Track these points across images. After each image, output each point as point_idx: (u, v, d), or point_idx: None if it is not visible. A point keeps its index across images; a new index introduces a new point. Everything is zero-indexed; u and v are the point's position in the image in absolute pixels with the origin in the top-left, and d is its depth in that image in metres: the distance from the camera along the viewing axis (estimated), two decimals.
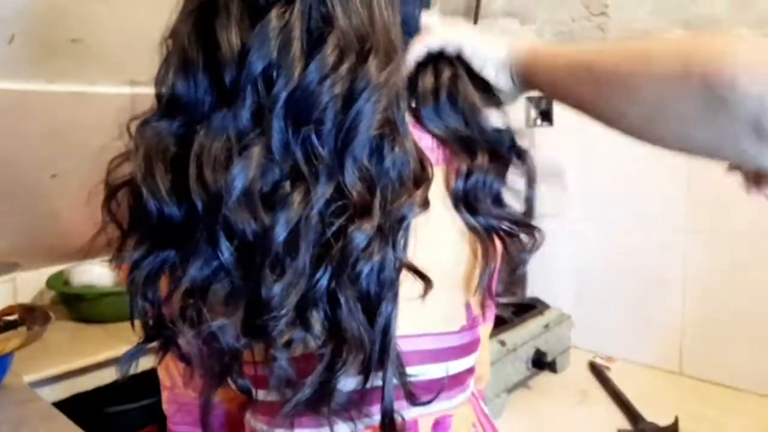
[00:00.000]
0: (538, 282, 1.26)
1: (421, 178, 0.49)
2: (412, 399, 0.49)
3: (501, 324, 1.08)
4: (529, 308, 1.19)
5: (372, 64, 0.46)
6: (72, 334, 1.38)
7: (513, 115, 0.57)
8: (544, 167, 0.57)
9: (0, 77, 1.06)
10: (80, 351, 1.28)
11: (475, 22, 1.32)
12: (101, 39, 1.11)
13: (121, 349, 1.46)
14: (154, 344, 0.53)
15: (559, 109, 1.27)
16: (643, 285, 1.20)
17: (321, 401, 0.47)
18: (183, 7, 0.50)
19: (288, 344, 0.45)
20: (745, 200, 1.07)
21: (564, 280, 1.28)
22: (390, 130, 0.47)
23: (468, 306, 0.55)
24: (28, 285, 1.49)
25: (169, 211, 0.47)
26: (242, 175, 0.43)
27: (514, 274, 0.57)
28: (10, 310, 1.23)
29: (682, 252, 1.14)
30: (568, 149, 1.26)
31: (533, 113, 1.30)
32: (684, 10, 1.08)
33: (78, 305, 1.43)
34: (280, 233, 0.43)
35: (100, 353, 1.28)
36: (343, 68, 0.45)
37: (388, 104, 0.46)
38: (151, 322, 0.51)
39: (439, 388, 0.51)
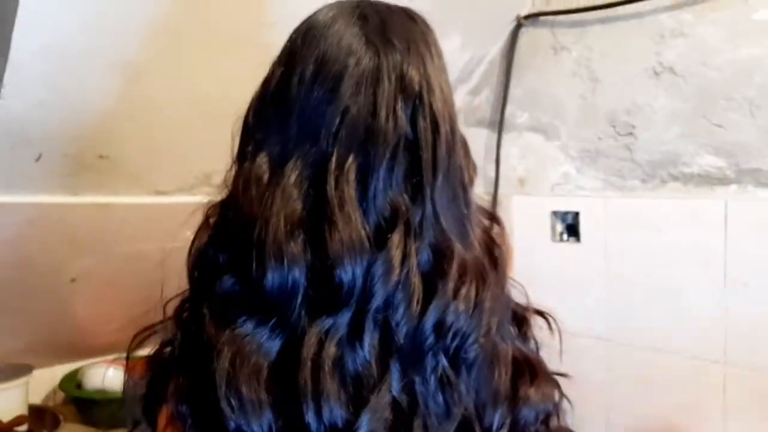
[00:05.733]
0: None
1: None
2: None
3: None
4: None
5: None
6: None
7: (539, 231, 0.56)
8: None
9: (26, 192, 1.07)
10: None
11: (499, 135, 1.31)
12: (127, 153, 1.12)
13: None
14: None
15: (585, 225, 1.24)
16: (679, 415, 1.13)
17: None
18: (283, 202, 0.46)
19: None
20: None
21: (592, 399, 1.21)
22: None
23: None
24: (41, 384, 1.47)
25: (252, 430, 0.42)
26: (369, 420, 0.41)
27: None
28: (19, 420, 1.21)
29: (720, 383, 1.07)
30: (594, 265, 1.22)
31: (559, 228, 1.28)
32: (713, 136, 1.06)
33: (90, 409, 1.41)
34: None
35: None
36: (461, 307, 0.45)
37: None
38: None
39: None
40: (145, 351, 0.53)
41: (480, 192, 1.36)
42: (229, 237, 0.48)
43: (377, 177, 0.45)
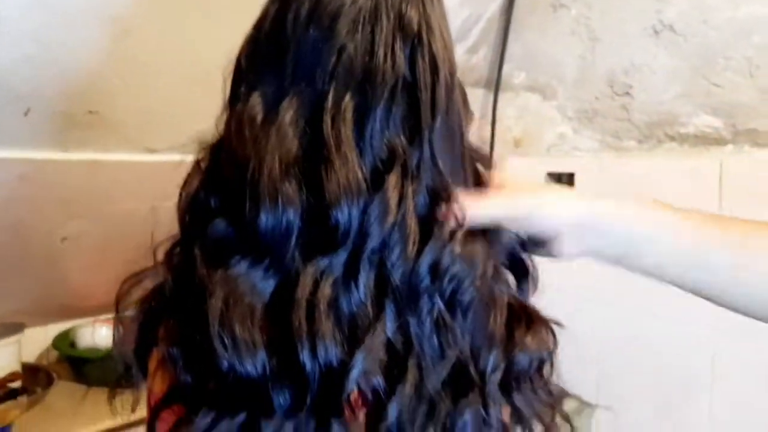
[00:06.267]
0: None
1: None
2: None
3: None
4: None
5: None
6: (75, 397, 1.35)
7: None
8: None
9: (15, 147, 1.05)
10: (83, 417, 1.25)
11: (496, 95, 1.30)
12: (117, 110, 1.10)
13: (124, 417, 1.42)
14: None
15: (580, 187, 1.24)
16: (670, 378, 1.14)
17: None
18: (277, 141, 0.45)
19: None
20: None
21: (586, 365, 1.23)
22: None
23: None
24: (34, 343, 1.47)
25: (246, 369, 0.41)
26: (364, 358, 0.41)
27: None
28: (12, 377, 1.21)
29: (711, 350, 1.08)
30: None
31: None
32: (711, 96, 1.06)
33: (83, 367, 1.41)
34: (392, 414, 0.42)
35: (102, 421, 1.25)
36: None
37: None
38: None
39: None
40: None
41: None
42: (221, 180, 0.47)
43: (374, 117, 0.45)
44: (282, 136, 0.45)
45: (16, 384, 1.20)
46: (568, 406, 1.12)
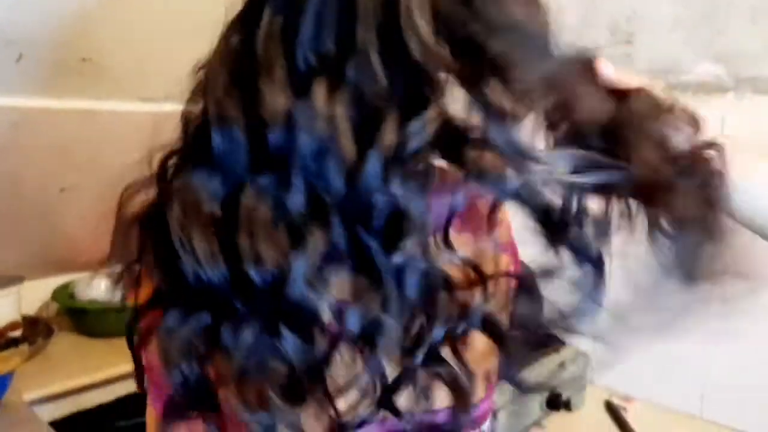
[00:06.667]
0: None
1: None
2: None
3: None
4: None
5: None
6: (75, 348, 1.37)
7: None
8: None
9: (8, 94, 1.04)
10: (83, 367, 1.26)
11: None
12: (111, 58, 1.09)
13: (124, 366, 1.44)
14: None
15: None
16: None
17: None
18: (218, 51, 0.47)
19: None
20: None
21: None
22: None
23: (488, 375, 0.52)
24: (33, 295, 1.47)
25: (209, 276, 0.43)
26: (303, 260, 0.41)
27: None
28: (13, 326, 1.22)
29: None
30: None
31: None
32: (714, 43, 1.04)
33: (82, 319, 1.42)
34: (354, 328, 0.42)
35: (103, 370, 1.26)
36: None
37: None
38: (187, 394, 0.47)
39: None
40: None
41: None
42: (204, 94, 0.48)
43: (305, 28, 0.43)
44: (226, 53, 0.46)
45: (17, 333, 1.21)
46: (565, 354, 1.14)
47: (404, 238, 0.42)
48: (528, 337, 0.50)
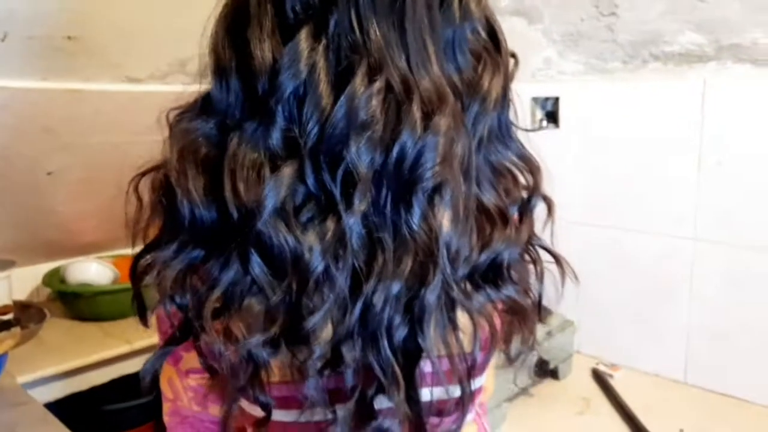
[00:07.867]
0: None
1: None
2: (441, 414, 0.51)
3: None
4: None
5: (414, 107, 0.44)
6: (68, 332, 1.37)
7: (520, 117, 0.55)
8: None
9: None
10: (76, 350, 1.27)
11: None
12: (97, 36, 1.08)
13: (116, 349, 1.44)
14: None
15: (564, 111, 1.24)
16: (649, 291, 1.18)
17: (362, 421, 0.48)
18: (219, 11, 0.50)
19: (322, 370, 0.46)
20: (755, 208, 1.04)
21: (567, 284, 1.25)
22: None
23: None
24: (24, 281, 1.47)
25: (201, 213, 0.46)
26: (273, 195, 0.43)
27: None
28: (4, 310, 1.22)
29: (689, 259, 1.11)
30: (572, 150, 1.23)
31: (539, 114, 1.28)
32: (696, 12, 1.05)
33: (74, 303, 1.42)
34: (317, 263, 0.44)
35: (95, 353, 1.27)
36: (377, 108, 0.43)
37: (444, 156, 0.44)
38: (177, 326, 0.51)
39: (459, 407, 0.51)
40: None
41: None
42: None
43: None
44: (223, 10, 0.49)
45: (9, 316, 1.21)
46: (552, 323, 1.16)
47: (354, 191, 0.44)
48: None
